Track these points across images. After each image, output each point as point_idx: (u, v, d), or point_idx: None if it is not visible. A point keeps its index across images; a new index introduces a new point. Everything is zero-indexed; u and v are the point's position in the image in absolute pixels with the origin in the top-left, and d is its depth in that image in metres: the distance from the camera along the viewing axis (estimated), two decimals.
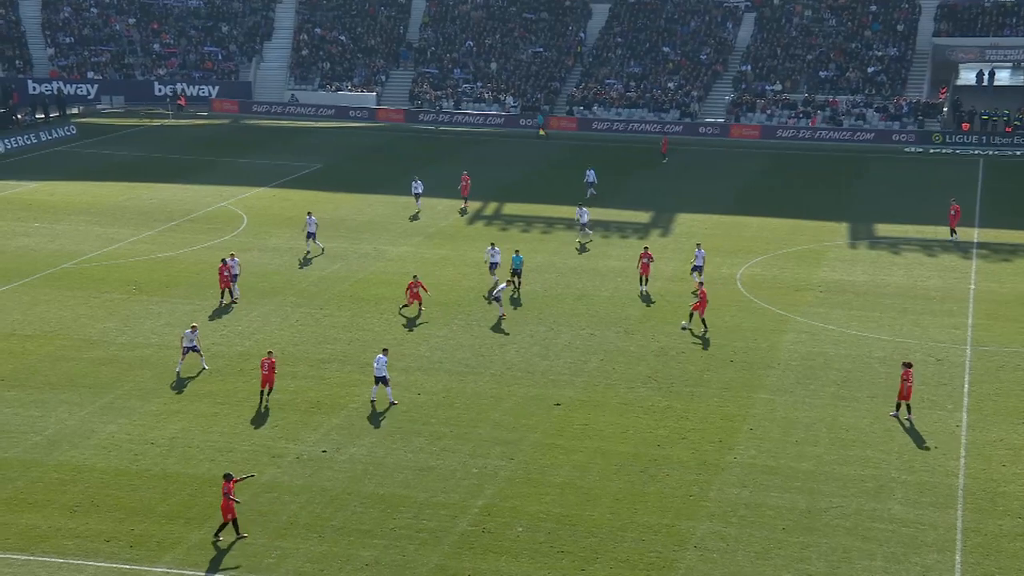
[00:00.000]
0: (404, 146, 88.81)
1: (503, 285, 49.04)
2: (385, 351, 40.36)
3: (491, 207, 69.19)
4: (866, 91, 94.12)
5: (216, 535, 31.34)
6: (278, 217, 64.76)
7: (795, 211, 68.39)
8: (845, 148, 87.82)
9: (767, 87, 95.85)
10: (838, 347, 46.04)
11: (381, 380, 39.70)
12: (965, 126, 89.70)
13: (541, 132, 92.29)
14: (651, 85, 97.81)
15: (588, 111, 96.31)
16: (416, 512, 33.07)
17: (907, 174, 79.61)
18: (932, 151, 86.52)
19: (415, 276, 49.91)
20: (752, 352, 45.37)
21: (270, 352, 40.94)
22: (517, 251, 53.87)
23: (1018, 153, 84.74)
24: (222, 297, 50.40)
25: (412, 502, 33.63)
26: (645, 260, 52.24)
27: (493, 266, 52.78)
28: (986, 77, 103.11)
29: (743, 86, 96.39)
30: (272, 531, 32.03)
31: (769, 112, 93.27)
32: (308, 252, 58.03)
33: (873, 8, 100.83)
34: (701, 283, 51.38)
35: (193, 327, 42.74)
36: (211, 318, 48.60)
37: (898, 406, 39.35)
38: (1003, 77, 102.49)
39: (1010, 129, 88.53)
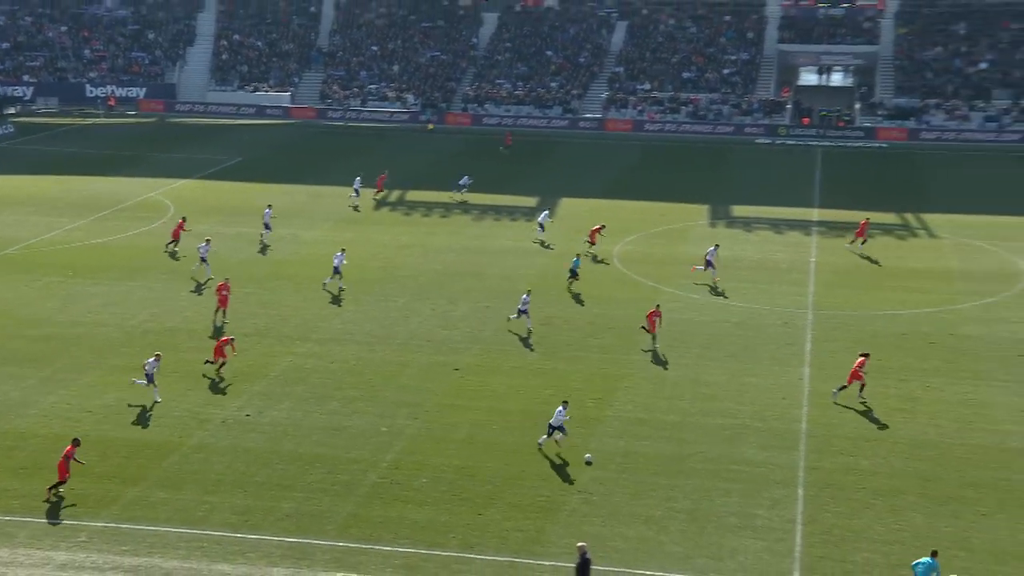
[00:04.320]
0: (316, 141, 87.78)
1: None
2: (565, 403, 34.29)
3: (395, 195, 68.78)
4: (722, 90, 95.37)
5: (53, 490, 30.98)
6: (202, 205, 63.59)
7: (663, 195, 69.13)
8: (705, 140, 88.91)
9: (638, 86, 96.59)
10: (701, 313, 46.76)
11: (558, 429, 34.02)
12: (805, 120, 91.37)
13: (429, 127, 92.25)
14: (536, 85, 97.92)
15: (481, 108, 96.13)
16: (331, 467, 32.93)
17: (758, 162, 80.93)
18: (778, 142, 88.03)
19: (226, 278, 46.43)
20: (628, 319, 45.82)
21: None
22: (578, 255, 51.62)
23: (849, 144, 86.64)
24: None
25: (327, 459, 33.48)
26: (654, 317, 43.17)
27: (336, 271, 49.49)
28: (822, 78, 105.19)
29: (617, 85, 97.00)
30: (201, 488, 31.66)
31: (640, 108, 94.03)
32: (269, 240, 56.85)
33: (727, 18, 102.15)
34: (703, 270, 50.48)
35: (157, 355, 37.91)
36: (140, 298, 47.73)
37: (843, 387, 37.83)
38: (836, 79, 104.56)
39: (842, 124, 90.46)
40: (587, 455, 33.33)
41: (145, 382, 37.11)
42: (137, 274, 50.93)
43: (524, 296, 44.34)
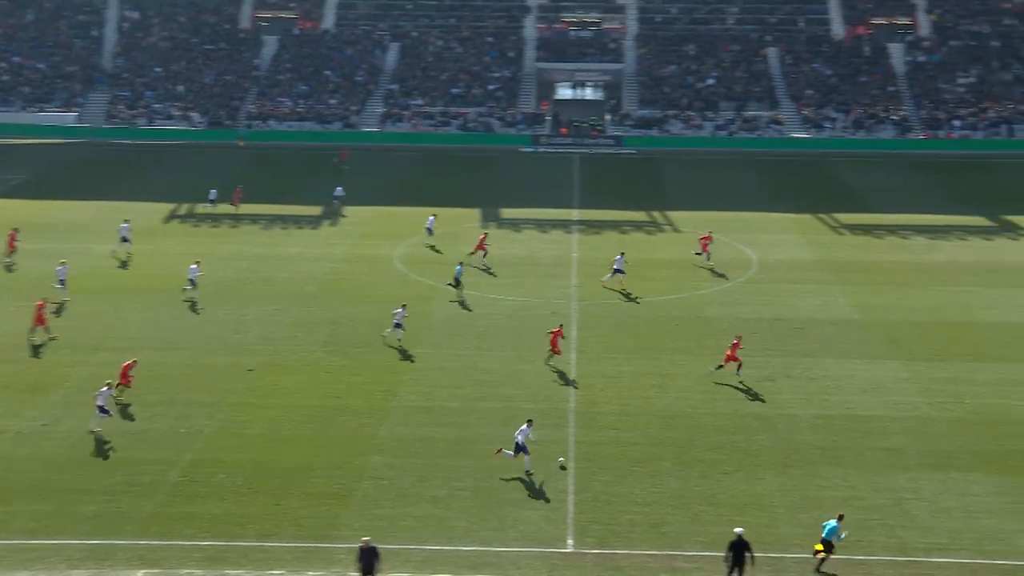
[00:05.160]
0: (103, 159, 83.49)
1: None
2: (529, 422, 32.58)
3: (184, 207, 66.23)
4: (488, 104, 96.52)
5: None
6: None
7: (438, 201, 69.06)
8: (474, 150, 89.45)
9: (411, 102, 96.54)
10: (477, 308, 47.14)
11: (522, 449, 31.91)
12: (563, 131, 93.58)
13: (240, 143, 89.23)
14: (316, 102, 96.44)
15: (264, 124, 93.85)
16: (131, 469, 31.47)
17: (522, 169, 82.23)
18: (540, 151, 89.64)
19: (45, 298, 43.83)
20: (410, 317, 45.63)
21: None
22: (461, 263, 49.99)
23: (602, 151, 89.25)
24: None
25: (128, 461, 31.98)
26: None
27: (192, 282, 47.57)
28: (576, 92, 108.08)
29: (392, 101, 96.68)
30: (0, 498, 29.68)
31: (414, 122, 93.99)
32: (128, 254, 53.81)
33: (489, 39, 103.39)
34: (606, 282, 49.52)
35: (108, 384, 35.00)
36: None
37: (720, 366, 38.95)
38: (588, 93, 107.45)
39: (595, 133, 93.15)
40: (560, 459, 32.26)
41: (99, 413, 33.84)
42: None
43: (399, 310, 42.58)
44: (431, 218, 58.86)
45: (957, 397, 37.70)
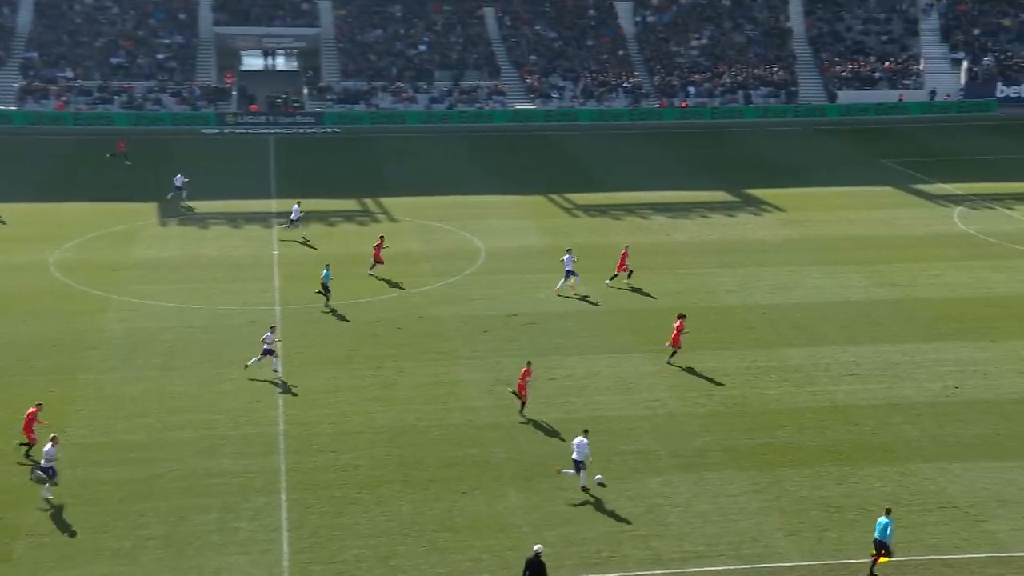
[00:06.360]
0: None
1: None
2: (586, 432, 33.54)
3: None
4: (159, 77, 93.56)
5: None
6: None
7: (104, 195, 66.52)
8: (146, 132, 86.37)
9: (58, 74, 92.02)
10: (159, 320, 45.76)
11: (579, 465, 32.88)
12: (253, 107, 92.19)
13: None
14: None
15: None
16: None
17: (207, 154, 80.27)
18: (227, 131, 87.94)
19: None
20: (74, 335, 43.80)
21: None
22: (327, 266, 48.02)
23: (302, 130, 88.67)
24: None
25: None
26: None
27: None
28: (267, 62, 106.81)
29: (32, 73, 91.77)
30: None
31: (64, 99, 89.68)
32: None
33: None
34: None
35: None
36: None
37: (673, 352, 42.00)
38: (281, 63, 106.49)
39: (292, 109, 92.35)
40: (597, 476, 33.10)
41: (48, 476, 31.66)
42: None
43: (267, 334, 40.40)
44: (295, 207, 58.60)
45: (705, 390, 40.20)
